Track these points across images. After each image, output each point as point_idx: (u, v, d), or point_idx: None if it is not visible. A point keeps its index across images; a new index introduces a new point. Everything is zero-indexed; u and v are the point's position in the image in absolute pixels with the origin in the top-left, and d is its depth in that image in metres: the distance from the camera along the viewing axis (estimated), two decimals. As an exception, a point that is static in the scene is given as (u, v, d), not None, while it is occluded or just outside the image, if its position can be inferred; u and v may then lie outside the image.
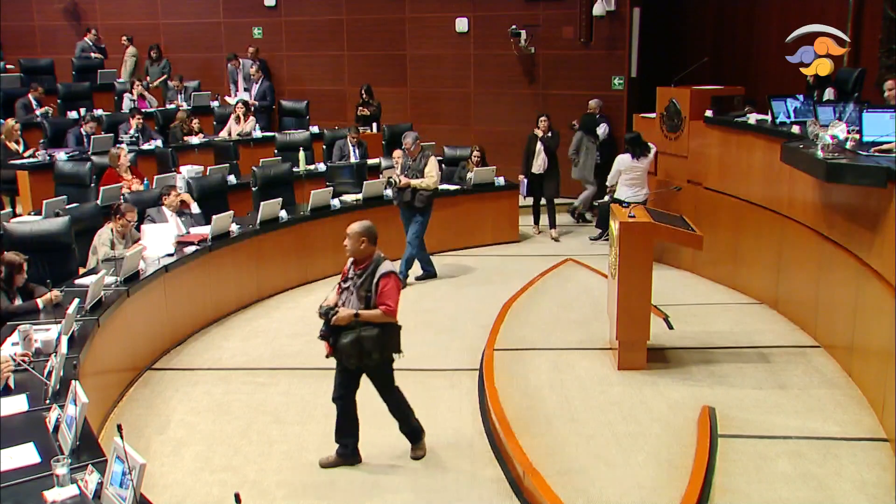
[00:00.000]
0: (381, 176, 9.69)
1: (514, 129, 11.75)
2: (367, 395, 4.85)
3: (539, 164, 9.84)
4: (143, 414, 5.63)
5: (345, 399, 4.82)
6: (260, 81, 12.69)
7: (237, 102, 11.68)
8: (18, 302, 5.56)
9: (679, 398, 5.57)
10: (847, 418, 5.26)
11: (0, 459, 3.48)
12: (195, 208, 7.85)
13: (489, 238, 9.88)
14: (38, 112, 11.21)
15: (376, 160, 10.36)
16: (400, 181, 8.17)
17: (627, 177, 8.61)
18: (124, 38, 13.48)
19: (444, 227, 9.53)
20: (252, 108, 11.86)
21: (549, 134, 9.89)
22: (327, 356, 4.73)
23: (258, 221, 7.89)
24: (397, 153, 9.96)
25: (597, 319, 6.92)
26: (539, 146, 9.82)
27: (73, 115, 11.31)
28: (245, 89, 12.98)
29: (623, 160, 8.63)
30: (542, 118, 9.98)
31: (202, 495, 4.62)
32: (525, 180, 10.01)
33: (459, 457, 4.98)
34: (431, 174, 8.18)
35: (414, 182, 8.13)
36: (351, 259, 4.74)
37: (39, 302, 5.53)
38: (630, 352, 6.02)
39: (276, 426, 5.40)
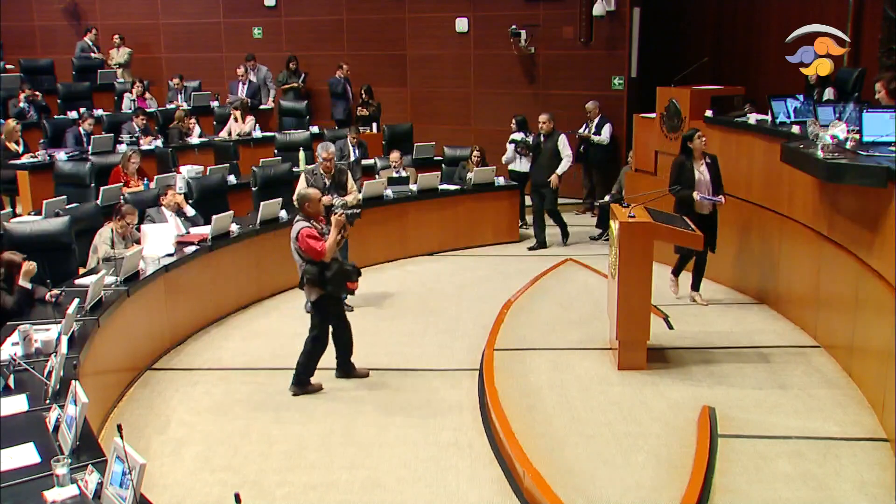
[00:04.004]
0: (377, 176, 9.68)
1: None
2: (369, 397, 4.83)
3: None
4: (143, 414, 5.63)
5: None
6: (248, 83, 12.69)
7: (234, 103, 11.67)
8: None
9: (679, 398, 5.57)
10: (847, 418, 5.26)
11: (0, 459, 3.49)
12: (189, 210, 7.80)
13: (489, 238, 9.86)
14: (21, 105, 11.15)
15: (375, 160, 10.35)
16: (357, 202, 7.52)
17: None
18: (116, 37, 13.44)
19: (444, 227, 9.54)
20: (248, 108, 11.85)
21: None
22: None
23: (258, 221, 7.88)
24: (394, 155, 9.97)
25: (597, 319, 6.92)
26: (704, 168, 7.20)
27: (73, 115, 11.28)
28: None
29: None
30: (699, 134, 7.19)
31: (202, 495, 4.62)
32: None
33: (459, 457, 4.98)
34: (354, 187, 7.83)
35: (356, 195, 7.69)
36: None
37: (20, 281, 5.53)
38: (630, 352, 6.02)
39: (276, 426, 5.40)
